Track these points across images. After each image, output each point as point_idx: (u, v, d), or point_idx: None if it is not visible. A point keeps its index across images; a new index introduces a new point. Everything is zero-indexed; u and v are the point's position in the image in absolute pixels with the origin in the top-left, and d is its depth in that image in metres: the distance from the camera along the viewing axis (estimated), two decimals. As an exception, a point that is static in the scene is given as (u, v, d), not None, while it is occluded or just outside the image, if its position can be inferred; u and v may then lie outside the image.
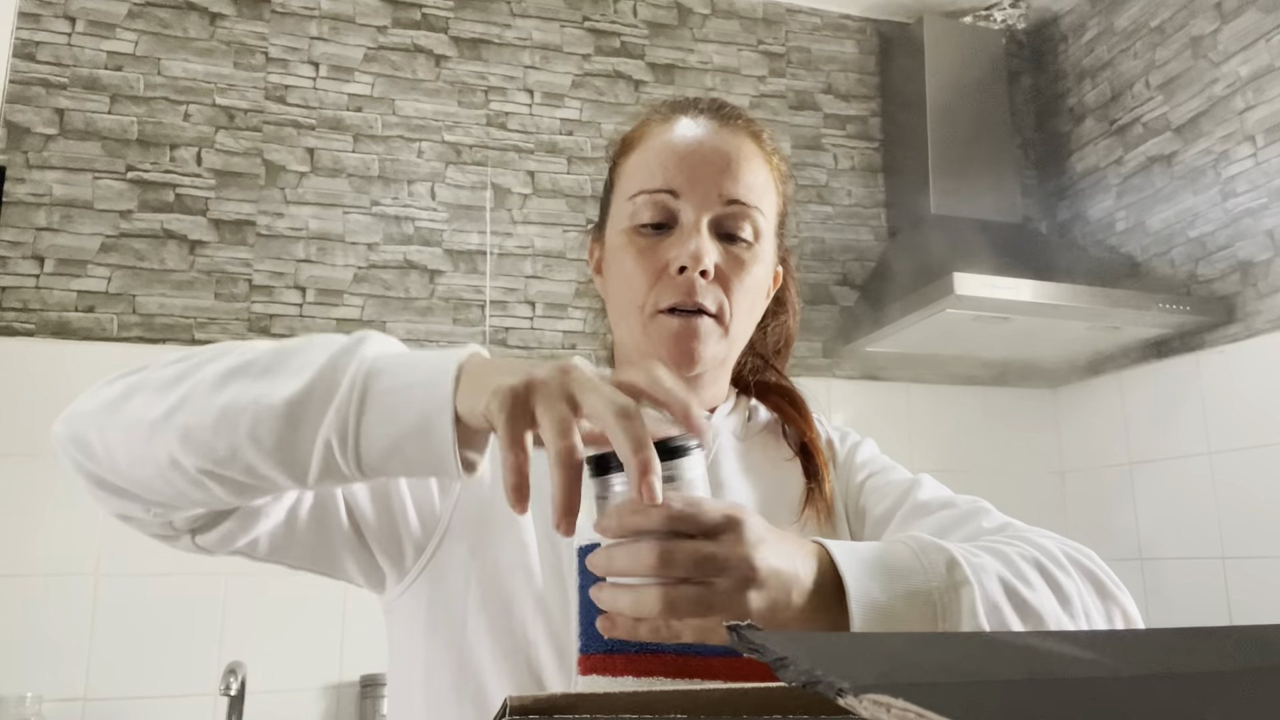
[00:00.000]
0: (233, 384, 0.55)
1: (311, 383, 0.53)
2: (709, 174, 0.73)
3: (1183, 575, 2.12)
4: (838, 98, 2.59)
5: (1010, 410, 2.49)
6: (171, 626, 1.83)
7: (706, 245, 0.71)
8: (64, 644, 1.77)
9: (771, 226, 0.78)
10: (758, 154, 0.77)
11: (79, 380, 2.02)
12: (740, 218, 0.74)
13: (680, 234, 0.73)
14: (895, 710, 0.22)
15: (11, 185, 1.93)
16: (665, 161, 0.74)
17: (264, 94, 2.13)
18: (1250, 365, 2.00)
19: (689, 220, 0.73)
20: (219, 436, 0.53)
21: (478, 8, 2.33)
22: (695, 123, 0.77)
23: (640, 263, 0.73)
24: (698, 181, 0.73)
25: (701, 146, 0.75)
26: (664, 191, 0.73)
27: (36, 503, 1.81)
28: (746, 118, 0.80)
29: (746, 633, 0.33)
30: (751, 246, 0.75)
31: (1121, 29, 2.40)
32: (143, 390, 0.57)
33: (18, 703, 1.65)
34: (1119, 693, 0.26)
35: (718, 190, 0.73)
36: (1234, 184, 2.06)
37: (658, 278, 0.73)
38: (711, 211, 0.73)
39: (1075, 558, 0.62)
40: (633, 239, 0.75)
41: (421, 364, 0.53)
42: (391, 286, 2.13)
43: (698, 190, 0.73)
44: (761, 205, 0.75)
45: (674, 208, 0.73)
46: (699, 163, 0.74)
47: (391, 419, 0.51)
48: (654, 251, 0.73)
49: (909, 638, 0.40)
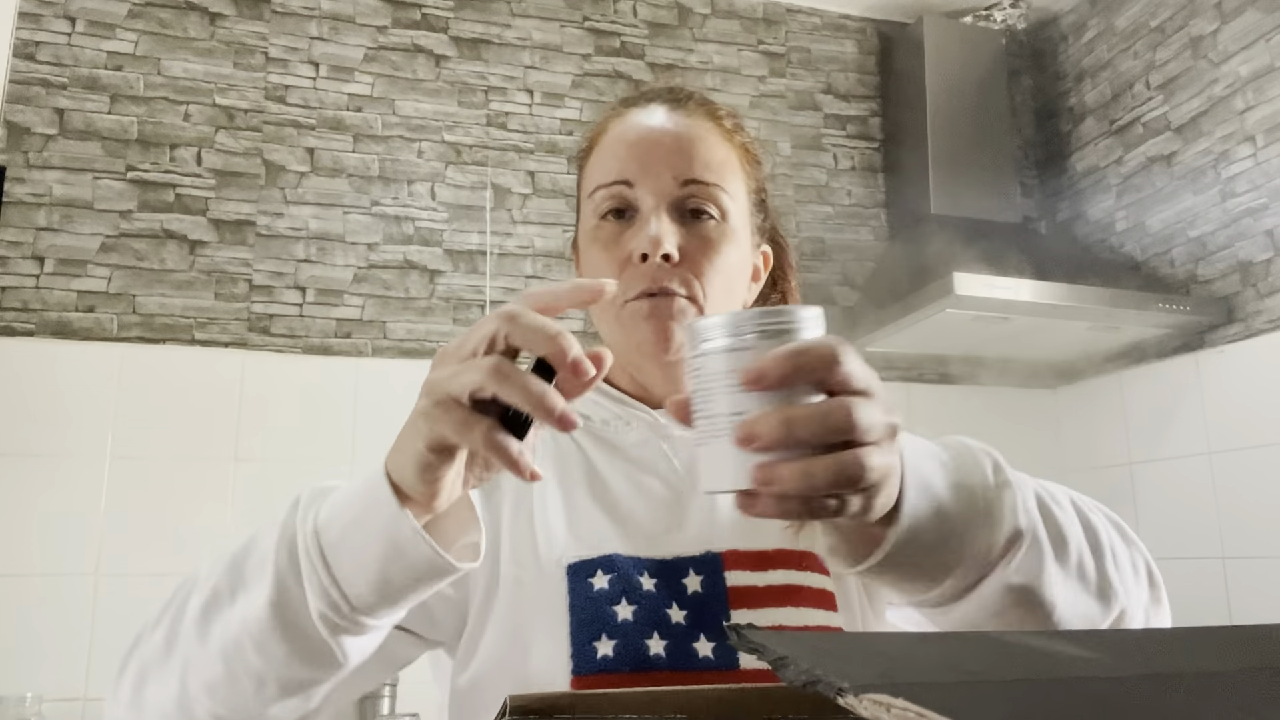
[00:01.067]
0: (214, 622, 0.54)
1: (275, 575, 0.52)
2: (661, 158, 0.72)
3: (1183, 575, 2.12)
4: (838, 98, 2.59)
5: (1010, 410, 2.49)
6: (171, 626, 1.82)
7: (665, 229, 0.70)
8: (64, 644, 1.77)
9: (742, 205, 0.76)
10: (714, 132, 0.76)
11: (79, 380, 2.02)
12: (701, 197, 0.72)
13: (640, 222, 0.72)
14: (895, 710, 0.22)
15: (11, 185, 1.93)
16: (618, 153, 0.74)
17: (264, 94, 2.13)
18: (1250, 365, 2.00)
19: (647, 207, 0.72)
20: (238, 677, 0.53)
21: (478, 8, 2.33)
22: (647, 111, 0.76)
23: (605, 256, 0.73)
24: (650, 167, 0.72)
25: (653, 133, 0.74)
26: (619, 183, 0.73)
27: (36, 503, 1.81)
28: (702, 99, 0.79)
29: (746, 632, 0.33)
30: (719, 224, 0.73)
31: (1121, 29, 2.40)
32: (148, 676, 0.57)
33: (18, 703, 1.65)
34: (1119, 692, 0.26)
35: (672, 173, 0.72)
36: (1234, 184, 2.05)
37: (623, 268, 0.72)
38: (668, 195, 0.72)
39: (1100, 506, 0.63)
40: (596, 235, 0.74)
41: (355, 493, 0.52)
42: (391, 286, 2.13)
43: (650, 176, 0.72)
44: (724, 182, 0.74)
45: (630, 197, 0.73)
46: (651, 148, 0.73)
47: (361, 563, 0.50)
48: (616, 243, 0.73)
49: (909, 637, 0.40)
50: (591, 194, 0.75)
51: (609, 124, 0.79)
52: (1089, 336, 2.20)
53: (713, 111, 0.78)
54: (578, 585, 0.67)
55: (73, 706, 1.74)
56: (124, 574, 1.83)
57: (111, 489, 1.86)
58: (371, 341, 2.09)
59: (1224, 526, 2.03)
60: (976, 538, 0.51)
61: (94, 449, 1.86)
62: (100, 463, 1.86)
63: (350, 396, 2.04)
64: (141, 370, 1.93)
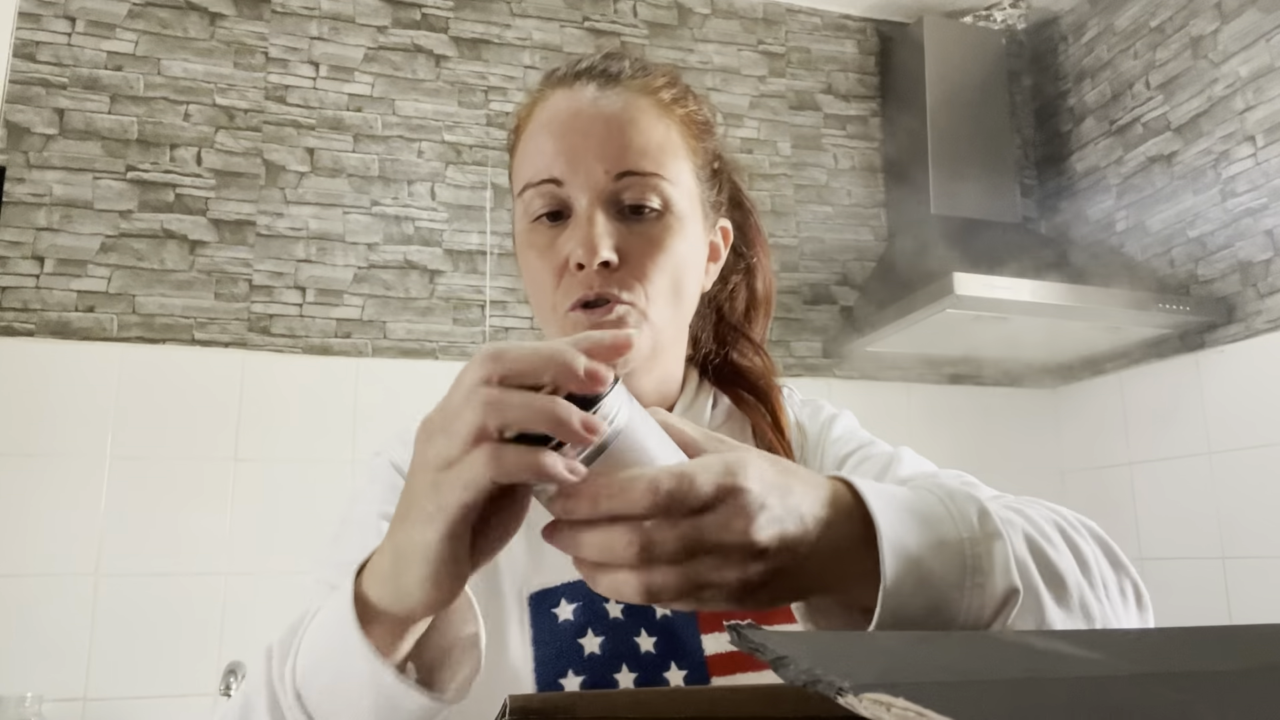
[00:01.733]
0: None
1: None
2: (591, 149, 0.65)
3: (1183, 575, 2.12)
4: (838, 98, 2.59)
5: (1010, 410, 2.49)
6: (171, 626, 1.82)
7: (600, 233, 0.64)
8: (64, 644, 1.77)
9: (687, 188, 0.69)
10: (650, 109, 0.68)
11: (79, 380, 2.02)
12: (639, 189, 0.66)
13: (575, 225, 0.66)
14: (895, 709, 0.22)
15: (11, 185, 1.92)
16: (543, 147, 0.67)
17: (264, 94, 2.13)
18: (1250, 365, 2.00)
19: (580, 207, 0.66)
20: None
21: (478, 8, 2.33)
22: (572, 94, 0.68)
23: (541, 262, 0.68)
24: (579, 161, 0.65)
25: (578, 121, 0.66)
26: (547, 182, 0.66)
27: (36, 503, 1.81)
28: (637, 66, 0.71)
29: (746, 632, 0.33)
30: (662, 217, 0.66)
31: (1121, 29, 2.40)
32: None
33: (18, 703, 1.65)
34: (1119, 692, 0.26)
35: (604, 166, 0.65)
36: (1234, 184, 2.05)
37: (560, 275, 0.66)
38: (602, 191, 0.65)
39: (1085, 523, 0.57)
40: (531, 240, 0.69)
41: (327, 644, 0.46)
42: (391, 286, 2.13)
43: (580, 171, 0.65)
44: (663, 169, 0.67)
45: (563, 196, 0.66)
46: (577, 140, 0.66)
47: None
48: (552, 248, 0.67)
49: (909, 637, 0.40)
50: (520, 193, 0.69)
51: (535, 109, 0.71)
52: (1089, 336, 2.20)
53: (648, 85, 0.70)
54: (541, 617, 0.64)
55: (73, 706, 1.74)
56: (124, 574, 1.83)
57: (111, 489, 1.86)
58: (371, 341, 2.09)
59: (1224, 526, 2.03)
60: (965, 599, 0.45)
61: (94, 449, 1.86)
62: (100, 463, 1.86)
63: (350, 396, 2.04)
64: (141, 370, 1.93)
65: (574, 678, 0.62)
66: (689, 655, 0.64)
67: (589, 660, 0.62)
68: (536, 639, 0.63)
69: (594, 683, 0.61)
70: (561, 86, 0.70)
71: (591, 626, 0.63)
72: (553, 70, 0.73)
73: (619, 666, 0.62)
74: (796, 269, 2.44)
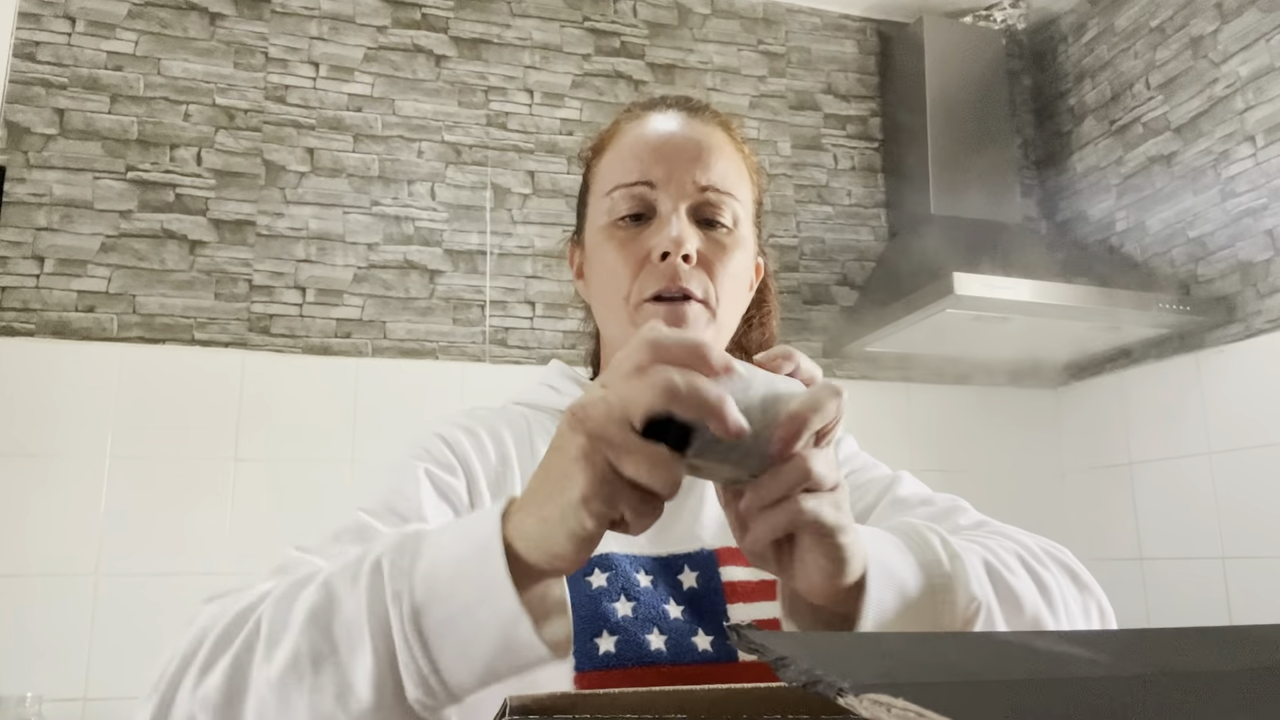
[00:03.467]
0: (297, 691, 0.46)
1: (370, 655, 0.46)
2: (683, 163, 0.74)
3: (1183, 575, 2.12)
4: (838, 98, 2.59)
5: (1010, 410, 2.49)
6: (171, 626, 1.82)
7: (687, 230, 0.72)
8: (64, 644, 1.77)
9: (748, 214, 0.79)
10: (729, 143, 0.78)
11: (79, 380, 2.02)
12: (717, 205, 0.74)
13: (659, 223, 0.73)
14: (895, 710, 0.22)
15: (11, 185, 1.93)
16: (639, 154, 0.75)
17: (264, 94, 2.13)
18: (1250, 365, 2.00)
19: (667, 209, 0.73)
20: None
21: (478, 8, 2.33)
22: (665, 117, 0.78)
23: (622, 254, 0.74)
24: (673, 171, 0.74)
25: (674, 138, 0.76)
26: (641, 184, 0.74)
27: (36, 503, 1.81)
28: (714, 110, 0.81)
29: (746, 632, 0.33)
30: (731, 232, 0.75)
31: (1121, 29, 2.40)
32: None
33: (18, 703, 1.65)
34: (1119, 692, 0.26)
35: (692, 178, 0.73)
36: (1234, 184, 2.05)
37: (640, 267, 0.73)
38: (688, 199, 0.74)
39: (1051, 552, 0.64)
40: (612, 233, 0.75)
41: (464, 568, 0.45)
42: (391, 286, 2.13)
43: (673, 180, 0.73)
44: (736, 193, 0.76)
45: (651, 199, 0.74)
46: (672, 153, 0.74)
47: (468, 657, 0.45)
48: (634, 242, 0.74)
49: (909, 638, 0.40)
50: (609, 193, 0.76)
51: (625, 124, 0.80)
52: (1089, 336, 2.20)
53: (725, 122, 0.80)
54: (576, 583, 0.67)
55: (73, 706, 1.74)
56: (124, 574, 1.83)
57: (111, 489, 1.86)
58: (371, 341, 2.09)
59: (1224, 526, 2.03)
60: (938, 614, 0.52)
61: (94, 449, 1.86)
62: (100, 463, 1.86)
63: (350, 396, 2.04)
64: (141, 370, 1.93)
65: (608, 638, 0.65)
66: (716, 623, 0.67)
67: (621, 622, 0.65)
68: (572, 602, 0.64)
69: (626, 643, 0.64)
70: (652, 110, 0.79)
71: (624, 593, 0.67)
72: (641, 100, 0.84)
73: (650, 629, 0.66)
74: (796, 269, 2.44)
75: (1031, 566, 0.59)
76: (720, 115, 0.81)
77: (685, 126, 0.77)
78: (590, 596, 0.66)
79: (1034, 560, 0.60)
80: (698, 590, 0.69)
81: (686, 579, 0.70)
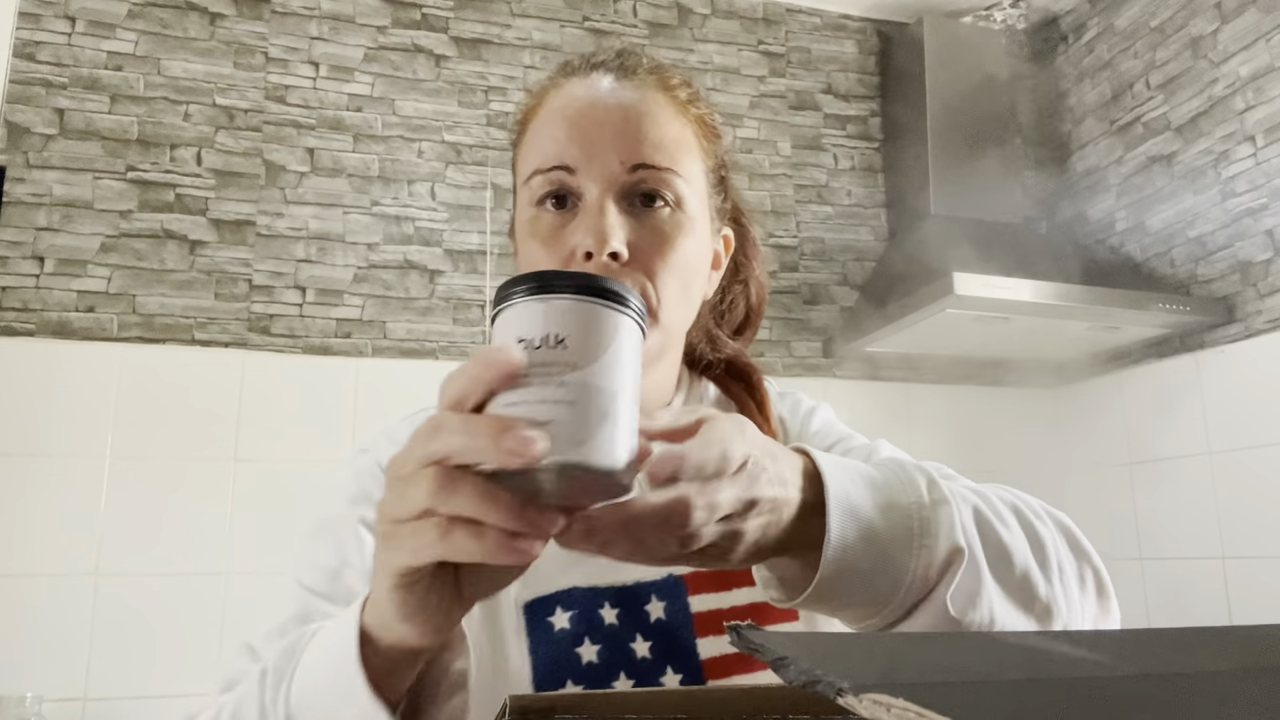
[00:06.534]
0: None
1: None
2: (607, 139, 0.63)
3: (1183, 575, 2.12)
4: (838, 98, 2.59)
5: (1010, 410, 2.49)
6: (171, 626, 1.82)
7: (612, 224, 0.62)
8: (64, 644, 1.77)
9: (699, 188, 0.68)
10: (667, 105, 0.67)
11: (79, 380, 2.02)
12: (652, 183, 0.64)
13: (584, 213, 0.63)
14: (895, 710, 0.22)
15: (11, 185, 1.92)
16: (555, 133, 0.65)
17: (264, 94, 2.13)
18: (1250, 365, 2.00)
19: (591, 197, 0.63)
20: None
21: (478, 8, 2.33)
22: (588, 83, 0.67)
23: (545, 250, 0.65)
24: (595, 150, 0.63)
25: (595, 109, 0.64)
26: (558, 168, 0.64)
27: (36, 503, 1.81)
28: (653, 65, 0.69)
29: (746, 632, 0.33)
30: (673, 213, 0.64)
31: (1121, 29, 2.40)
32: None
33: (18, 703, 1.65)
34: (1119, 692, 0.26)
35: (619, 156, 0.63)
36: (1234, 184, 2.05)
37: (565, 266, 0.64)
38: (615, 183, 0.63)
39: (1052, 512, 0.59)
40: (535, 227, 0.66)
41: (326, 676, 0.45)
42: (391, 286, 2.13)
43: (595, 161, 0.63)
44: (678, 165, 0.65)
45: (573, 185, 0.64)
46: (593, 128, 0.64)
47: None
48: (558, 238, 0.64)
49: (909, 638, 0.40)
50: (528, 179, 0.66)
51: (546, 96, 0.68)
52: (1089, 336, 2.20)
53: (665, 81, 0.68)
54: (537, 626, 0.63)
55: (73, 706, 1.74)
56: (124, 574, 1.83)
57: (111, 489, 1.86)
58: (371, 341, 2.09)
59: (1224, 526, 2.03)
60: (913, 559, 0.47)
61: (94, 449, 1.86)
62: (100, 463, 1.86)
63: (350, 396, 2.04)
64: (141, 370, 1.93)
65: (572, 687, 0.62)
66: (684, 659, 0.64)
67: (587, 669, 0.62)
68: (533, 649, 0.63)
69: None
70: (576, 76, 0.68)
71: (589, 635, 0.63)
72: (566, 62, 0.71)
73: (616, 674, 0.62)
74: (796, 269, 2.44)
75: (1028, 520, 0.54)
76: (660, 71, 0.69)
77: (611, 94, 0.65)
78: (553, 642, 0.63)
79: (1032, 515, 0.55)
80: (666, 622, 0.65)
81: (654, 609, 0.65)
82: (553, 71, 0.71)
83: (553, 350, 0.38)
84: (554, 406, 0.37)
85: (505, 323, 0.39)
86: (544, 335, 0.38)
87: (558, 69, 0.71)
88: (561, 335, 0.38)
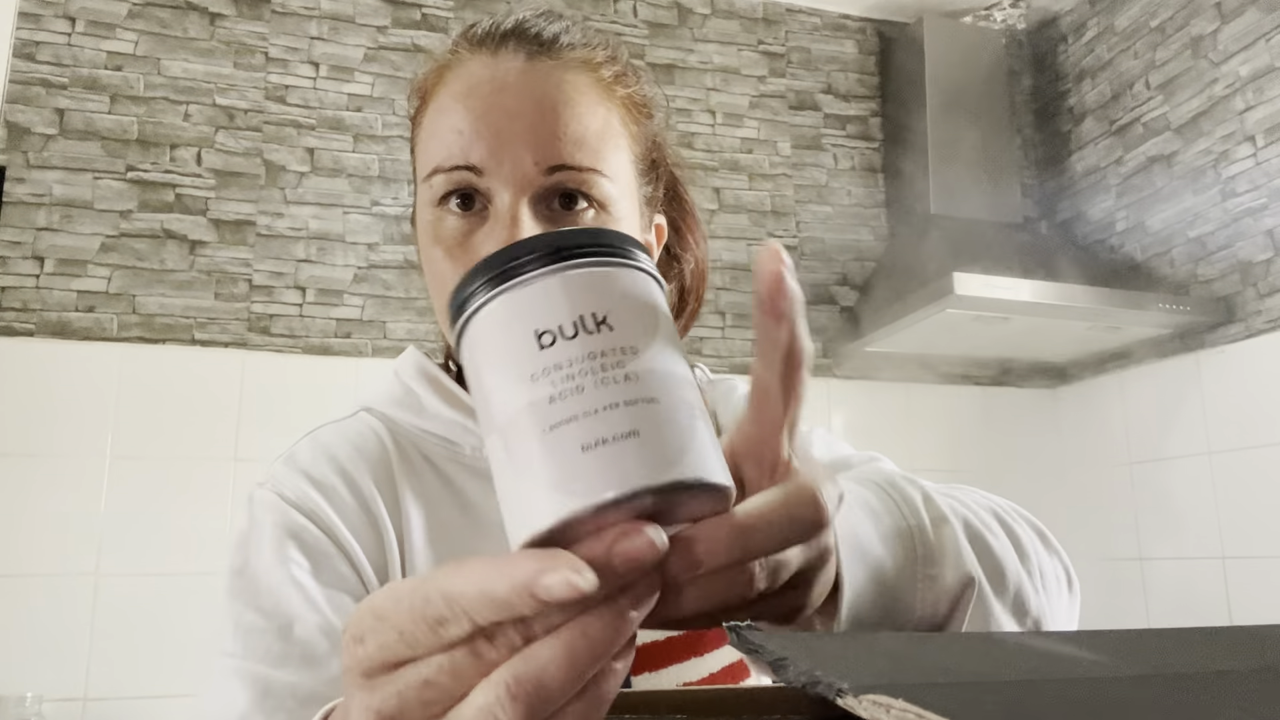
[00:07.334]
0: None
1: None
2: (519, 136, 0.55)
3: (1183, 575, 2.12)
4: (838, 98, 2.59)
5: (1010, 410, 2.49)
6: (171, 626, 1.83)
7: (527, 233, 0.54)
8: (64, 644, 1.77)
9: (625, 184, 0.60)
10: (589, 90, 0.58)
11: (79, 380, 2.01)
12: (573, 185, 0.56)
13: (494, 221, 0.56)
14: (895, 710, 0.22)
15: (11, 185, 1.92)
16: (459, 125, 0.56)
17: (264, 94, 2.13)
18: (1250, 365, 2.00)
19: (502, 203, 0.56)
20: None
21: (478, 8, 2.33)
22: (495, 63, 0.57)
23: (450, 260, 0.57)
24: (505, 149, 0.55)
25: (505, 97, 0.56)
26: (462, 168, 0.56)
27: (36, 503, 1.81)
28: (574, 38, 0.60)
29: (746, 633, 0.33)
30: (597, 215, 0.57)
31: (1121, 29, 2.40)
32: None
33: (18, 703, 1.65)
34: (1119, 693, 0.26)
35: (533, 157, 0.55)
36: (1234, 184, 2.05)
37: None
38: (529, 186, 0.56)
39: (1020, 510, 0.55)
40: (438, 230, 0.58)
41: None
42: (391, 286, 2.13)
43: (506, 161, 0.55)
44: (601, 162, 0.57)
45: (481, 186, 0.56)
46: (503, 121, 0.55)
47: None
48: (463, 246, 0.57)
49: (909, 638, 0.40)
50: (428, 176, 0.58)
51: (447, 74, 0.59)
52: (1089, 336, 2.20)
53: (588, 59, 0.59)
54: None
55: (73, 706, 1.74)
56: (124, 574, 1.83)
57: (111, 489, 1.86)
58: (371, 341, 2.09)
59: (1224, 526, 2.03)
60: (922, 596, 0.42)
61: (94, 449, 1.86)
62: (100, 463, 1.86)
63: (350, 396, 2.03)
64: (141, 370, 1.93)
65: None
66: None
67: None
68: None
69: None
70: (483, 50, 0.58)
71: None
72: (470, 26, 0.61)
73: None
74: (796, 269, 2.44)
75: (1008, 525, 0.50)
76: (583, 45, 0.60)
77: (523, 77, 0.56)
78: None
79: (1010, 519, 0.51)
80: None
81: None
82: (455, 39, 0.61)
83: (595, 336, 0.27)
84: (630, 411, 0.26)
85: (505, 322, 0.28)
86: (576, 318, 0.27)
87: (461, 34, 0.61)
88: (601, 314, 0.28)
